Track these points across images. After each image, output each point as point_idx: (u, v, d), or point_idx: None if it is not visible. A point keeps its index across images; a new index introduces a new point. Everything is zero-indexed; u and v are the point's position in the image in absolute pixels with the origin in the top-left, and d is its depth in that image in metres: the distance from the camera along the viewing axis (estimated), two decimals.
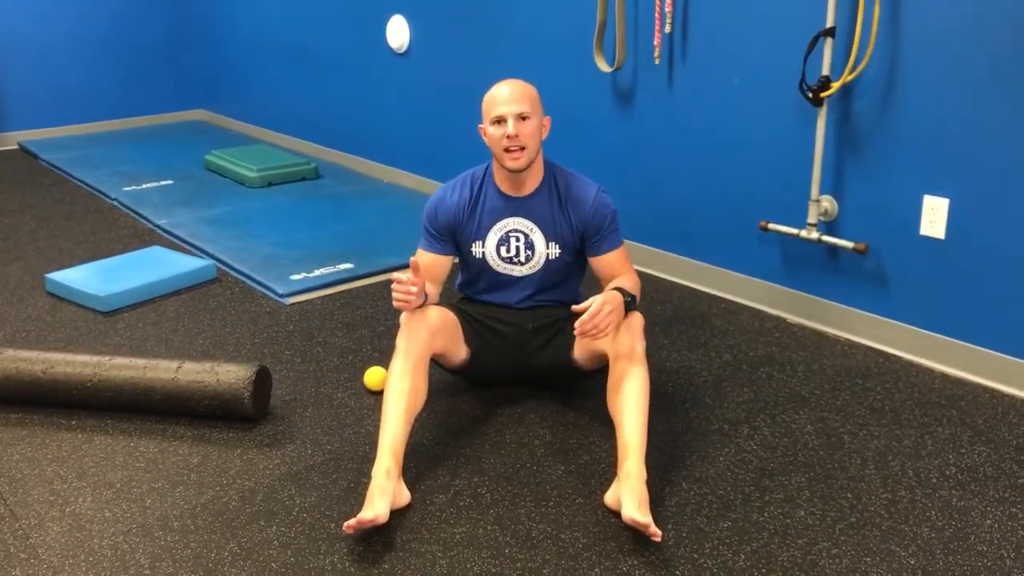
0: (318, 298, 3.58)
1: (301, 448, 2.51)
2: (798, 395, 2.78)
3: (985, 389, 2.80)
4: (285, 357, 3.06)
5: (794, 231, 3.18)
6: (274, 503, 2.26)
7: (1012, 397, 2.75)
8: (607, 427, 2.44)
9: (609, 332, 2.33)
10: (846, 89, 2.97)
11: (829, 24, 2.91)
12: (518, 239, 2.59)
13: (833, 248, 3.13)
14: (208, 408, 2.62)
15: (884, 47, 2.86)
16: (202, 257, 3.98)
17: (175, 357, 2.83)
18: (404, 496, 2.22)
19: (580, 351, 2.58)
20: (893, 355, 3.02)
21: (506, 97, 2.45)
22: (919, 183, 2.87)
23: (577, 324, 2.29)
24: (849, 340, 3.14)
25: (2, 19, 6.18)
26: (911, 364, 2.96)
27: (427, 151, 4.88)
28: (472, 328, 2.65)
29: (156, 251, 3.95)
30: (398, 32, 4.81)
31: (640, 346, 2.38)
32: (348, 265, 3.83)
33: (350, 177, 5.35)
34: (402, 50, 4.84)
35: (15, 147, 6.32)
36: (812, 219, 3.11)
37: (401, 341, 2.41)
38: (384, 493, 2.13)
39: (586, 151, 3.95)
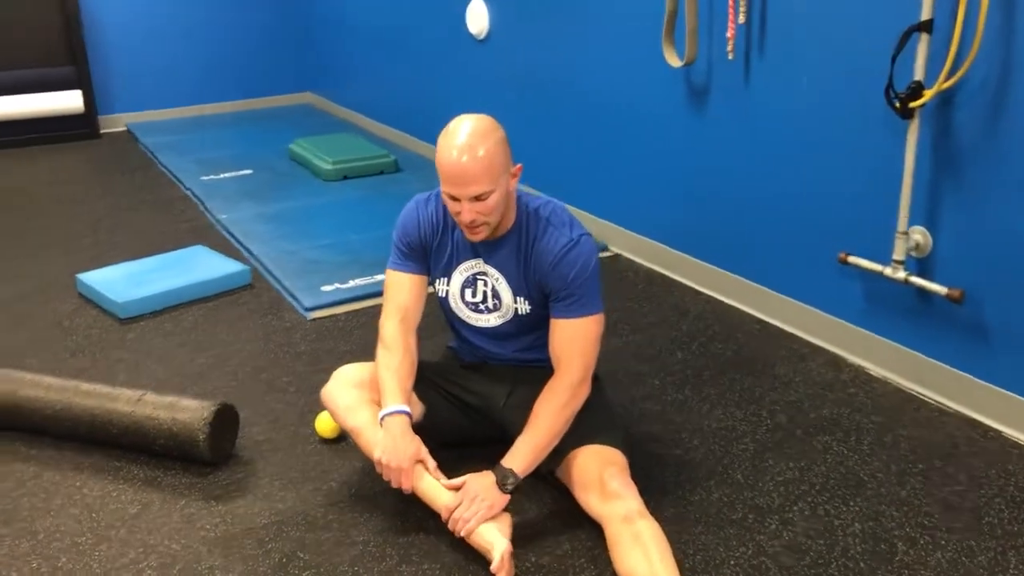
0: (343, 314, 3.28)
1: (250, 504, 2.21)
2: (855, 477, 2.25)
3: None
4: (279, 385, 2.77)
5: (877, 268, 2.62)
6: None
7: None
8: None
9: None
10: (944, 98, 2.39)
11: (925, 16, 2.34)
12: (485, 284, 2.17)
13: (924, 291, 2.56)
14: (164, 448, 2.36)
15: (993, 45, 2.26)
16: (242, 260, 3.76)
17: (144, 385, 2.59)
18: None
19: (565, 475, 2.10)
20: (991, 429, 2.43)
21: (458, 175, 1.94)
22: None
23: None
24: (940, 404, 2.56)
25: (115, 1, 6.19)
26: (1011, 443, 2.37)
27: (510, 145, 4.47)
28: (427, 384, 2.27)
29: (198, 251, 3.75)
30: (477, 17, 4.43)
31: (637, 502, 1.93)
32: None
33: (431, 171, 5.02)
34: (481, 36, 4.46)
35: (123, 129, 6.34)
36: (899, 255, 2.55)
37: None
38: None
39: (653, 153, 3.47)
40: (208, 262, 3.64)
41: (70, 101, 5.87)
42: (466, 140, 1.94)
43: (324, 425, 2.45)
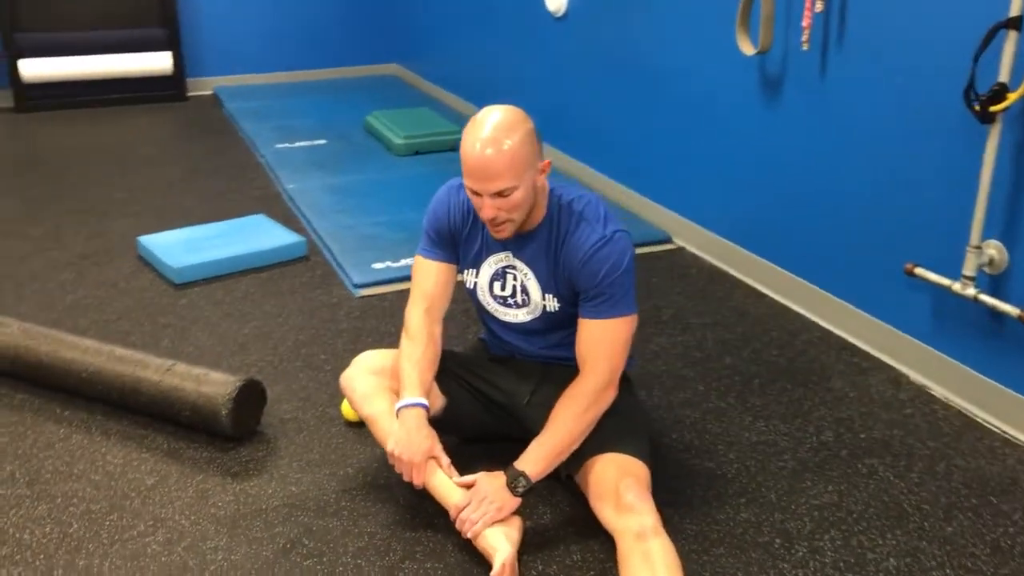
0: (391, 293, 3.23)
1: (264, 484, 2.18)
2: (898, 508, 2.10)
3: None
4: (316, 363, 2.74)
5: (945, 282, 2.44)
6: (194, 555, 1.95)
7: None
8: None
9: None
10: None
11: (1014, 12, 2.14)
12: (514, 278, 2.08)
13: (995, 311, 2.36)
14: (189, 420, 2.35)
15: None
16: (302, 232, 3.75)
17: (186, 352, 2.60)
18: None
19: (583, 482, 1.98)
20: None
21: (480, 169, 1.84)
22: None
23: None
24: (1004, 434, 2.38)
25: None
26: None
27: (580, 128, 4.36)
28: (450, 376, 2.19)
29: (258, 220, 3.75)
30: None
31: (652, 518, 1.80)
32: None
33: None
34: (559, 14, 4.34)
35: (210, 92, 6.42)
36: (969, 271, 2.36)
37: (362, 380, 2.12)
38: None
39: (723, 143, 3.32)
40: (266, 232, 3.64)
41: (159, 62, 5.97)
42: (491, 133, 1.85)
43: (350, 408, 2.41)
